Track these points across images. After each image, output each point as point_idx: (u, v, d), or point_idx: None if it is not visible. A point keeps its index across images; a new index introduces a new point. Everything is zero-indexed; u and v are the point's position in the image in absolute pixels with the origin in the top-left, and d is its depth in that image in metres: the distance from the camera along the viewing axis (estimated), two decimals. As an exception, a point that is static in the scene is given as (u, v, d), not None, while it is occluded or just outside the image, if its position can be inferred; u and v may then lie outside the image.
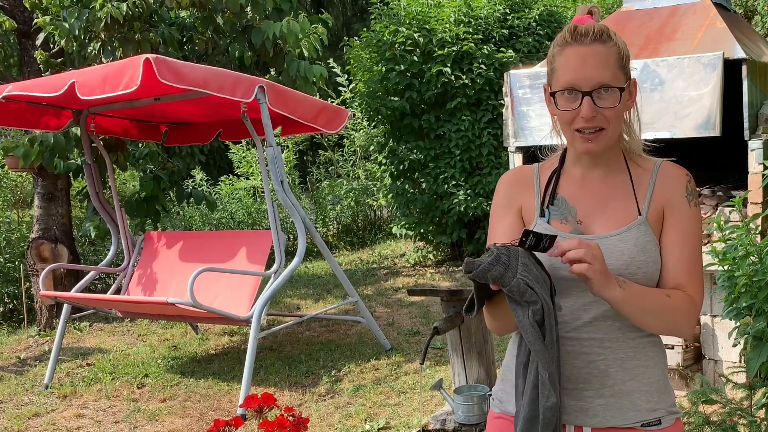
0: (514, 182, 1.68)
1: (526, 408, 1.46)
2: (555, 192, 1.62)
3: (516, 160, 4.60)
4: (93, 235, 6.49)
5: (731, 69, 3.96)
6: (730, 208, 3.95)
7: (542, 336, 1.42)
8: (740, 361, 3.87)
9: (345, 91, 10.46)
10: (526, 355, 1.51)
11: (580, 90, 1.49)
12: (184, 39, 6.94)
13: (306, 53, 6.63)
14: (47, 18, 6.14)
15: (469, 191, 7.72)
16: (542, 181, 1.66)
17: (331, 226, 10.90)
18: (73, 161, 6.64)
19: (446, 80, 7.57)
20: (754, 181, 3.91)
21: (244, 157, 11.34)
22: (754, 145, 3.92)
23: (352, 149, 11.36)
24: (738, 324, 2.70)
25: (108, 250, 6.18)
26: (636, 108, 1.62)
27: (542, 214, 1.60)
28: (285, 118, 5.48)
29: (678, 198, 1.56)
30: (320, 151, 12.06)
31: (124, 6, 5.84)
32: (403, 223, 8.42)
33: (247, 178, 11.28)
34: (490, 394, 1.77)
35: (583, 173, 1.62)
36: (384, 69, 7.82)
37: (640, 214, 1.55)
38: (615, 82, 1.50)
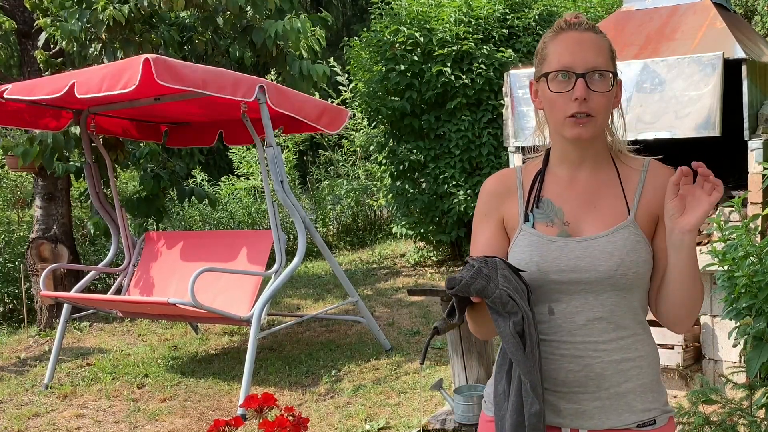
0: (494, 191, 1.65)
1: (514, 415, 1.48)
2: (540, 194, 1.60)
3: (516, 160, 4.61)
4: (92, 232, 6.48)
5: (731, 69, 3.97)
6: (730, 208, 3.95)
7: (523, 346, 1.44)
8: (740, 361, 3.87)
9: (345, 91, 10.46)
10: (510, 361, 1.52)
11: (574, 72, 1.49)
12: (184, 40, 6.94)
13: (305, 54, 6.63)
14: (48, 19, 6.14)
15: (469, 191, 7.71)
16: (525, 185, 1.63)
17: (331, 226, 10.90)
18: (73, 163, 6.64)
19: (446, 80, 7.57)
20: (754, 181, 3.91)
21: (244, 158, 11.33)
22: (754, 145, 3.92)
23: (352, 149, 11.36)
24: (738, 324, 2.70)
25: (108, 249, 6.18)
26: (620, 109, 1.61)
27: (526, 219, 1.58)
28: (285, 118, 5.48)
29: None
30: (320, 151, 12.06)
31: (126, 8, 5.84)
32: (403, 223, 8.42)
33: (247, 178, 11.28)
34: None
35: (569, 172, 1.60)
36: (384, 69, 7.82)
37: (629, 214, 1.54)
38: (608, 68, 1.52)
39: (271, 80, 6.48)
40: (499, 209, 1.63)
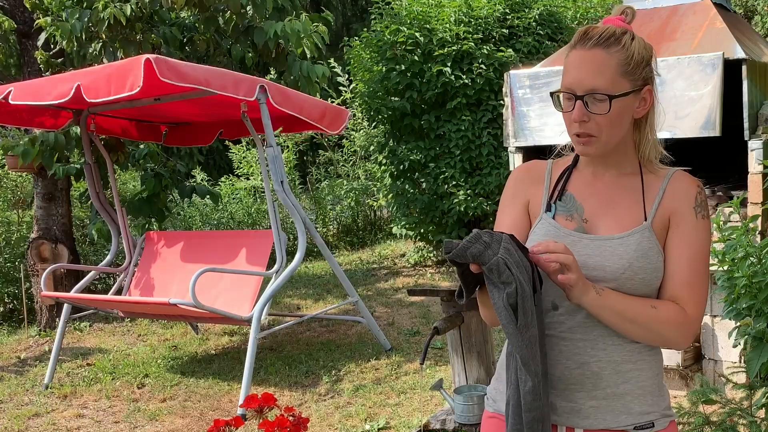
0: (525, 176, 1.69)
1: (514, 394, 1.46)
2: (564, 188, 1.62)
3: (516, 160, 4.61)
4: (96, 238, 6.48)
5: (731, 69, 3.97)
6: (730, 209, 3.95)
7: (515, 319, 1.40)
8: (740, 361, 3.87)
9: (345, 91, 10.45)
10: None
11: (574, 93, 1.50)
12: (185, 40, 6.94)
13: (308, 53, 6.63)
14: (48, 19, 6.14)
15: (469, 191, 7.71)
16: (554, 177, 1.66)
17: (331, 226, 10.90)
18: (72, 165, 6.64)
19: (446, 80, 7.57)
20: (754, 181, 3.92)
21: (244, 158, 11.33)
22: (754, 145, 3.92)
23: (352, 149, 11.36)
24: (738, 324, 2.70)
25: (108, 250, 6.18)
26: (653, 114, 1.58)
27: (548, 209, 1.60)
28: (287, 118, 5.48)
29: (685, 208, 1.54)
30: (320, 151, 12.06)
31: (127, 7, 5.84)
32: (403, 223, 8.42)
33: (247, 178, 11.28)
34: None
35: (595, 173, 1.62)
36: (384, 69, 7.82)
37: (645, 220, 1.55)
38: (610, 90, 1.48)
39: (271, 80, 6.49)
40: (527, 193, 1.66)
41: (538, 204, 1.63)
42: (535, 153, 4.36)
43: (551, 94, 1.56)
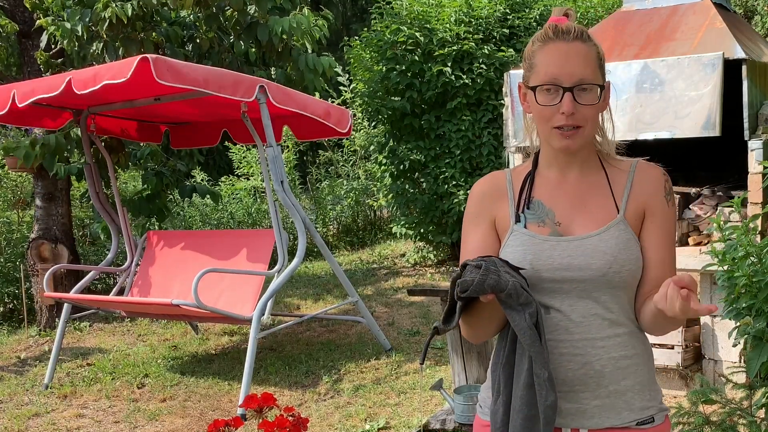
0: (486, 192, 1.66)
1: (524, 409, 1.47)
2: (530, 195, 1.61)
3: (516, 160, 4.60)
4: (102, 236, 6.46)
5: (731, 69, 3.97)
6: (730, 208, 3.95)
7: (539, 337, 1.44)
8: (740, 361, 3.87)
9: (345, 91, 10.45)
10: (506, 356, 1.52)
11: (561, 85, 1.50)
12: (186, 38, 6.94)
13: (309, 47, 6.64)
14: (49, 19, 6.14)
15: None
16: (516, 187, 1.64)
17: (331, 226, 10.90)
18: (74, 164, 6.64)
19: (447, 80, 7.57)
20: (754, 181, 3.92)
21: (243, 158, 11.33)
22: (754, 145, 3.92)
23: (352, 149, 11.35)
24: (738, 324, 2.70)
25: (109, 250, 6.18)
26: (609, 110, 1.62)
27: (518, 220, 1.59)
28: (296, 121, 5.46)
29: (658, 199, 1.57)
30: (320, 151, 12.05)
31: (129, 6, 5.84)
32: (403, 223, 8.42)
33: (247, 179, 11.28)
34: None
35: (559, 174, 1.61)
36: (384, 69, 7.82)
37: (618, 213, 1.56)
38: (595, 80, 1.52)
39: (273, 76, 6.49)
40: (491, 210, 1.64)
41: (506, 218, 1.61)
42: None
43: (532, 88, 1.53)
